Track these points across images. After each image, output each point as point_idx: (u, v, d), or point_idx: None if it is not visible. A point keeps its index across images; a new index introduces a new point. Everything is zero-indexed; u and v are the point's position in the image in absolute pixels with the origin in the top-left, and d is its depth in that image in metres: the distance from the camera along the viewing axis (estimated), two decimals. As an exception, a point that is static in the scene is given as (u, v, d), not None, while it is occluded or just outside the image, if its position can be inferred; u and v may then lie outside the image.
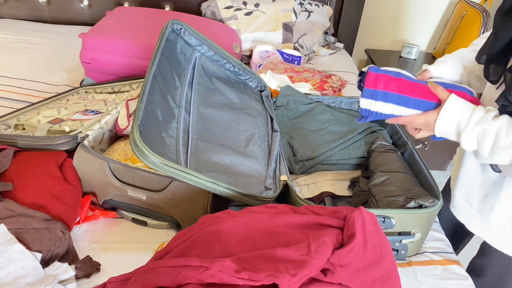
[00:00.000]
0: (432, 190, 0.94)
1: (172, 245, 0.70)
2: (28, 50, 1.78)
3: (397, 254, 0.91)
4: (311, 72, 1.52)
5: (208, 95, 1.16)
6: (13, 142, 0.99)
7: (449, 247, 1.00)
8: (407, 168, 1.04)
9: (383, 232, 0.68)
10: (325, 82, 1.44)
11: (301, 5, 1.83)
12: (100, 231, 0.96)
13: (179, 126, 1.01)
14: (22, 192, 0.87)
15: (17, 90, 1.50)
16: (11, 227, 0.78)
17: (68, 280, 0.78)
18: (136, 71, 1.41)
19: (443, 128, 0.79)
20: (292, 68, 1.52)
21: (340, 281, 0.59)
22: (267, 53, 1.62)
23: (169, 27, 1.10)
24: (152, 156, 0.79)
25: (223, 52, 1.21)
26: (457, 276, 0.92)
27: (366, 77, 0.83)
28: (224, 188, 0.86)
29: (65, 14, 2.04)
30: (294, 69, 1.52)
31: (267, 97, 1.30)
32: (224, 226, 0.67)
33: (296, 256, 0.60)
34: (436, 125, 0.79)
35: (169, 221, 0.95)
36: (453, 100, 0.77)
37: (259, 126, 1.15)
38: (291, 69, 1.52)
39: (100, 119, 1.07)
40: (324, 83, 1.43)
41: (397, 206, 0.90)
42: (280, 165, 1.04)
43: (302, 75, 1.48)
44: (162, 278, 0.61)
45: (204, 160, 0.97)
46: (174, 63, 1.11)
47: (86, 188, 0.99)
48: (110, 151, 1.04)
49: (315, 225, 0.68)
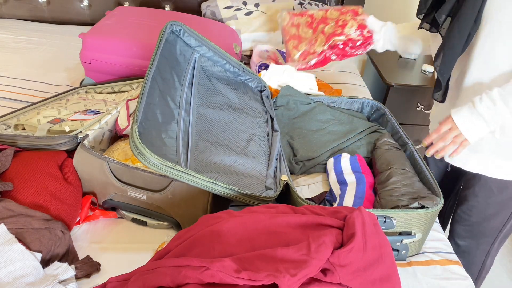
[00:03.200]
0: (432, 190, 0.95)
1: (172, 245, 0.70)
2: (28, 50, 1.78)
3: (397, 254, 0.91)
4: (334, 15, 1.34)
5: (208, 95, 1.16)
6: (13, 142, 0.99)
7: (449, 247, 1.00)
8: (411, 166, 1.04)
9: (383, 232, 0.68)
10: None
11: (301, 5, 1.83)
12: (100, 231, 0.96)
13: (179, 127, 1.01)
14: (22, 192, 0.87)
15: (17, 90, 1.50)
16: (11, 227, 0.78)
17: (68, 280, 0.78)
18: (136, 71, 1.41)
19: (476, 135, 0.93)
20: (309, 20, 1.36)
21: (340, 281, 0.59)
22: (267, 53, 1.62)
23: (168, 28, 1.10)
24: (152, 157, 0.79)
25: (222, 53, 1.21)
26: (457, 276, 0.92)
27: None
28: (224, 188, 0.86)
29: (65, 14, 2.04)
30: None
31: (267, 97, 1.30)
32: (224, 226, 0.67)
33: (296, 256, 0.60)
34: (468, 137, 0.93)
35: (169, 221, 0.95)
36: (456, 118, 0.94)
37: (259, 126, 1.15)
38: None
39: (100, 119, 1.07)
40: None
41: (400, 206, 0.90)
42: (280, 165, 1.04)
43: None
44: (162, 278, 0.61)
45: (204, 160, 0.97)
46: (173, 64, 1.11)
47: (86, 188, 0.99)
48: (110, 151, 1.04)
49: (315, 225, 0.68)
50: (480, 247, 1.19)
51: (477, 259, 1.21)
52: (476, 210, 1.14)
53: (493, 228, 1.14)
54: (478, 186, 1.10)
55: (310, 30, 1.31)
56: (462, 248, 1.20)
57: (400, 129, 1.17)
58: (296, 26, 1.33)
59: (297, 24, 1.34)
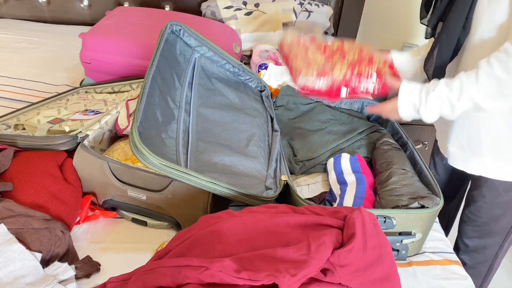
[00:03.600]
0: (432, 190, 0.95)
1: (172, 245, 0.70)
2: (28, 50, 1.77)
3: (397, 254, 0.91)
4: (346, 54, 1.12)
5: (208, 95, 1.16)
6: (13, 142, 0.99)
7: (449, 247, 1.00)
8: (411, 167, 1.04)
9: (383, 232, 0.68)
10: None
11: (301, 5, 1.83)
12: (100, 231, 0.96)
13: (179, 127, 1.01)
14: (22, 192, 0.87)
15: (17, 90, 1.49)
16: (11, 227, 0.78)
17: (68, 280, 0.78)
18: (136, 71, 1.41)
19: (405, 114, 0.94)
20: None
21: (340, 281, 0.59)
22: (267, 53, 1.62)
23: (168, 28, 1.10)
24: (152, 157, 0.79)
25: (222, 53, 1.21)
26: (457, 276, 0.92)
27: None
28: (224, 188, 0.86)
29: (65, 14, 2.04)
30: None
31: (267, 97, 1.30)
32: (224, 226, 0.67)
33: (296, 256, 0.60)
34: (400, 112, 0.94)
35: (169, 221, 0.95)
36: (403, 87, 0.93)
37: (259, 126, 1.15)
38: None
39: (100, 119, 1.07)
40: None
41: (400, 206, 0.90)
42: (280, 165, 1.04)
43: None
44: (162, 278, 0.61)
45: (204, 160, 0.97)
46: (173, 64, 1.11)
47: (86, 188, 0.99)
48: (110, 151, 1.04)
49: (315, 225, 0.68)
50: (489, 247, 1.18)
51: (486, 259, 1.20)
52: (484, 211, 1.13)
53: (502, 228, 1.14)
54: (485, 187, 1.10)
55: (322, 56, 1.11)
56: (471, 248, 1.21)
57: (400, 129, 1.17)
58: (304, 47, 1.20)
59: (305, 46, 1.21)
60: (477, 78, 0.84)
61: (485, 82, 0.83)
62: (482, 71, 0.83)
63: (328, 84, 1.03)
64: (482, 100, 0.85)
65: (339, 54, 1.10)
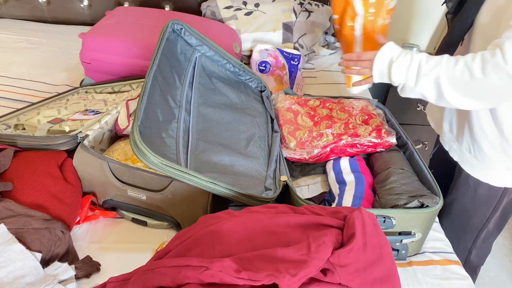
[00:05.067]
0: (432, 189, 0.94)
1: (172, 245, 0.70)
2: (28, 50, 1.78)
3: (397, 254, 0.91)
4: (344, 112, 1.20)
5: (209, 95, 1.16)
6: (13, 142, 0.99)
7: (449, 247, 1.00)
8: (410, 167, 1.04)
9: (383, 232, 0.68)
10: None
11: (301, 5, 1.83)
12: (100, 231, 0.96)
13: (179, 126, 1.01)
14: (22, 192, 0.87)
15: (17, 90, 1.50)
16: (11, 227, 0.78)
17: (68, 280, 0.78)
18: (136, 71, 1.41)
19: (379, 64, 0.93)
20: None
21: (340, 281, 0.59)
22: (267, 51, 1.63)
23: (170, 27, 1.10)
24: (152, 156, 0.80)
25: (223, 52, 1.21)
26: (457, 276, 0.92)
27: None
28: (224, 189, 0.86)
29: (65, 14, 2.04)
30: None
31: (267, 97, 1.30)
32: (224, 226, 0.67)
33: (296, 256, 0.60)
34: (375, 61, 0.94)
35: (169, 221, 0.95)
36: (389, 44, 0.94)
37: (259, 126, 1.15)
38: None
39: (100, 119, 1.07)
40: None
41: (399, 205, 0.90)
42: (280, 165, 1.04)
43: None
44: (162, 278, 0.61)
45: (204, 160, 0.97)
46: (174, 63, 1.11)
47: (86, 188, 0.99)
48: (110, 151, 1.04)
49: (315, 225, 0.68)
50: (461, 243, 1.21)
51: (459, 255, 1.21)
52: (456, 203, 1.17)
53: (474, 225, 1.17)
54: (459, 180, 1.13)
55: (311, 121, 1.16)
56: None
57: (400, 129, 1.17)
58: (294, 112, 1.19)
59: (296, 110, 1.19)
60: (455, 64, 0.83)
61: (459, 71, 0.82)
62: (463, 60, 0.82)
63: (313, 154, 1.08)
64: (446, 85, 0.83)
65: (327, 121, 1.15)
